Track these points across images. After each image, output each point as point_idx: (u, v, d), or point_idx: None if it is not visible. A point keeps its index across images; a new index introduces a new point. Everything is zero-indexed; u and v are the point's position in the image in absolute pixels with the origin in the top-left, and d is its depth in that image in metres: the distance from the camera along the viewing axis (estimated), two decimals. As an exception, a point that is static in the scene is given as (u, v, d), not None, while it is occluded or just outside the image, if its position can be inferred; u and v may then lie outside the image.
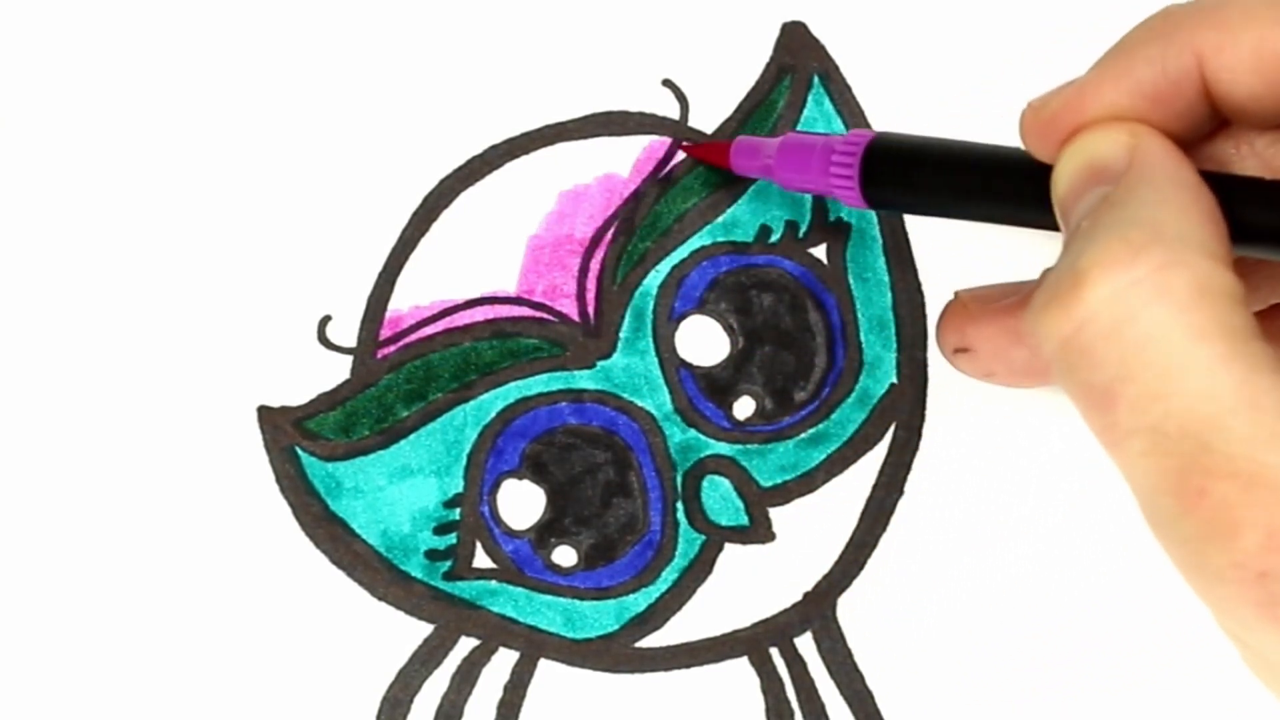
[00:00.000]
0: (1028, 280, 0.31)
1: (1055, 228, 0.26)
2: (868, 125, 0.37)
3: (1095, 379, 0.22)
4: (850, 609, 0.36)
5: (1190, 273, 0.22)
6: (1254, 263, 0.28)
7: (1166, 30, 0.25)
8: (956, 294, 0.32)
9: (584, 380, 0.36)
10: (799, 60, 0.37)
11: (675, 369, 0.36)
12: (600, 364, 0.36)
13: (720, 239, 0.37)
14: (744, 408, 0.36)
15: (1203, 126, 0.26)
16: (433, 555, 0.36)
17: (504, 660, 0.36)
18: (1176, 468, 0.22)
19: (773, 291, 0.37)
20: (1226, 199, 0.24)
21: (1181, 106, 0.25)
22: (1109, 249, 0.22)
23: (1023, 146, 0.27)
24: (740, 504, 0.36)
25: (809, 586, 0.36)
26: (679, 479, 0.36)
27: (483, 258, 0.36)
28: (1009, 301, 0.30)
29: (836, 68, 0.37)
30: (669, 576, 0.36)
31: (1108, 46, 0.26)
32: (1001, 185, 0.29)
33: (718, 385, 0.36)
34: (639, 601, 0.36)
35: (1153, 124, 0.25)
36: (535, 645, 0.36)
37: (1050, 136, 0.26)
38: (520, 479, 0.36)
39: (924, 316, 0.37)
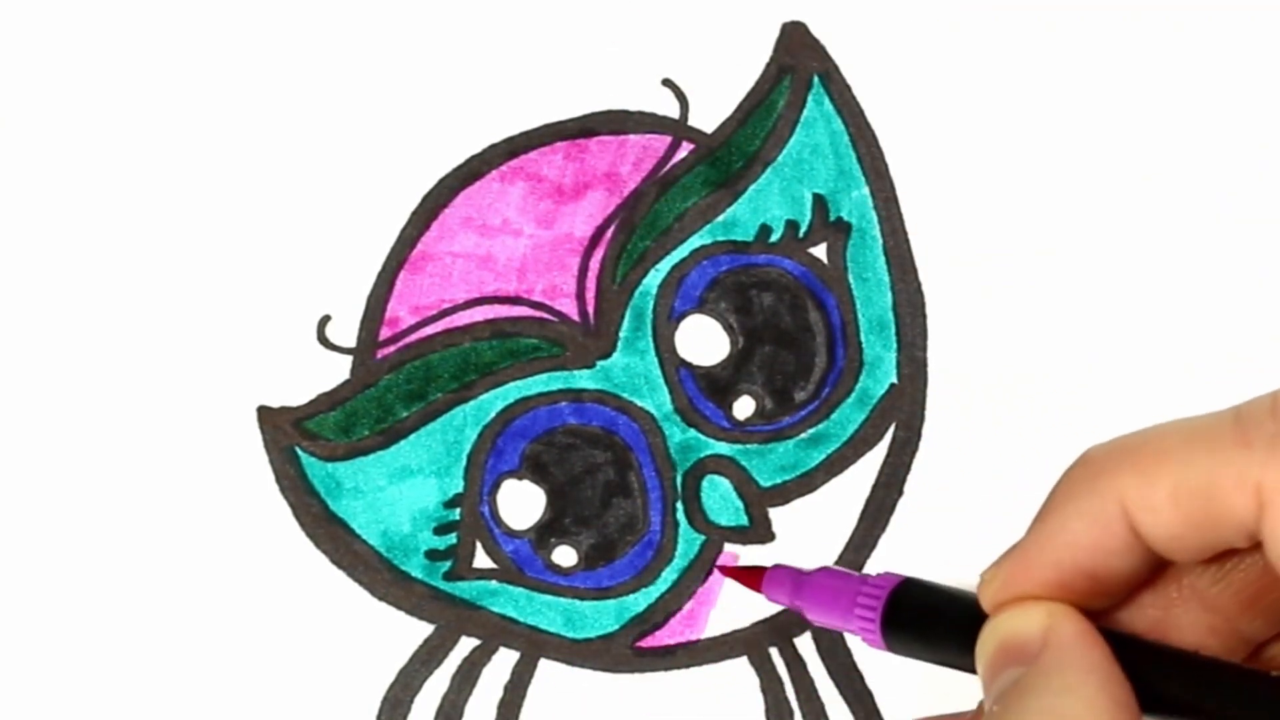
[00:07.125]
0: (967, 712, 0.30)
1: None
2: (868, 125, 0.37)
3: None
4: (850, 609, 0.36)
5: None
6: None
7: (1089, 479, 0.25)
8: None
9: (584, 380, 0.36)
10: (799, 60, 0.37)
11: (675, 369, 0.36)
12: (600, 364, 0.36)
13: (720, 238, 0.37)
14: (744, 407, 0.36)
15: (1142, 568, 0.26)
16: (433, 555, 0.36)
17: (504, 660, 0.36)
18: None
19: (773, 291, 0.37)
20: (1142, 670, 0.24)
21: (1115, 549, 0.25)
22: None
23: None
24: (740, 504, 0.36)
25: (809, 586, 0.36)
26: (679, 479, 0.36)
27: (482, 258, 0.36)
28: None
29: (836, 68, 0.37)
30: (669, 576, 0.36)
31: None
32: None
33: (718, 385, 0.36)
34: (639, 601, 0.36)
35: (1093, 572, 0.25)
36: (535, 645, 0.36)
37: (998, 609, 0.26)
38: (520, 479, 0.36)
39: (924, 317, 0.37)
